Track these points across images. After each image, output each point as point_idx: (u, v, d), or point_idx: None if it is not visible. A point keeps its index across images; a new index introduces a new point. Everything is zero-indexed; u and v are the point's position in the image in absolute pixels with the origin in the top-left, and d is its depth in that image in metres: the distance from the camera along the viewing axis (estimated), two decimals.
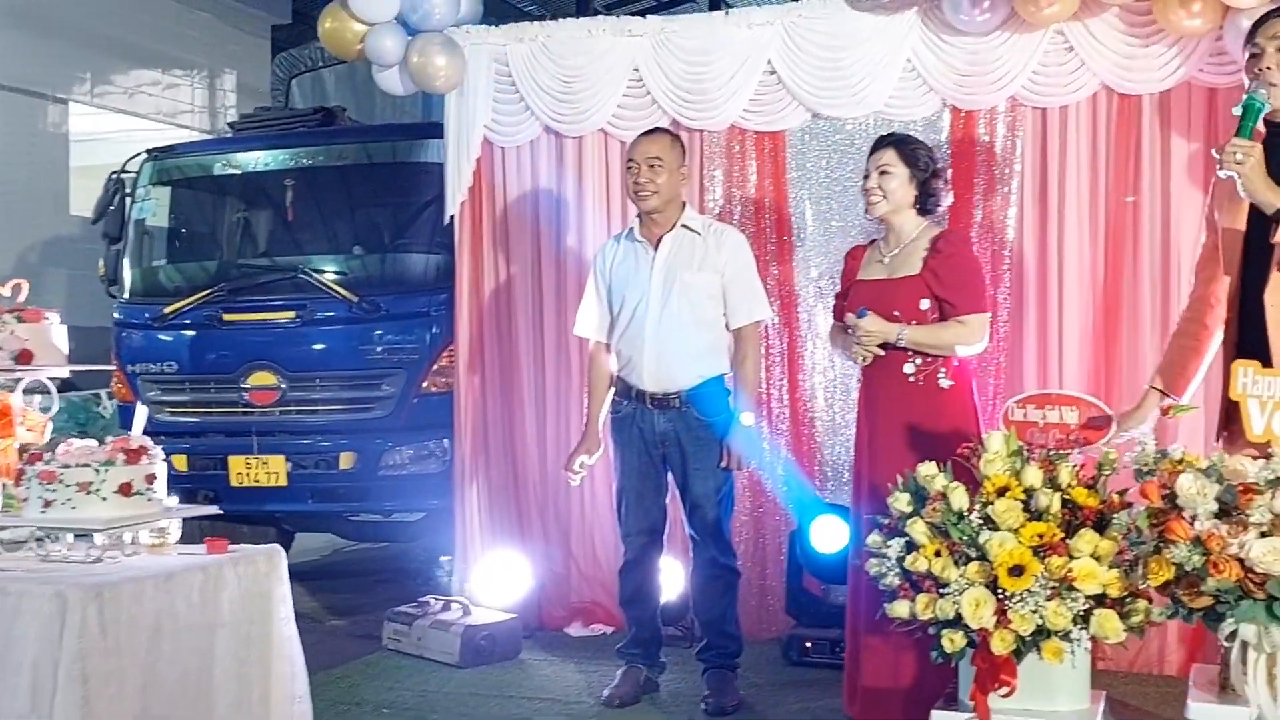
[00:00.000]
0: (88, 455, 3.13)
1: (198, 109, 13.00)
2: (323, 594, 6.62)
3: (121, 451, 3.15)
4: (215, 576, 3.14)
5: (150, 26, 12.46)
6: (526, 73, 4.96)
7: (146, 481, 3.16)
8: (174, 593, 3.00)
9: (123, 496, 3.09)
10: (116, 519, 3.09)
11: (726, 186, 4.86)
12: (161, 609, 2.96)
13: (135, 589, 2.91)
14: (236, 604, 3.19)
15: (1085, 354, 4.40)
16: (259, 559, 3.28)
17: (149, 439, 3.30)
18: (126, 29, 12.18)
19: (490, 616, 4.66)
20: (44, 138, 11.51)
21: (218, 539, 3.32)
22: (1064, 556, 2.72)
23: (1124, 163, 4.39)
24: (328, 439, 5.99)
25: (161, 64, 12.91)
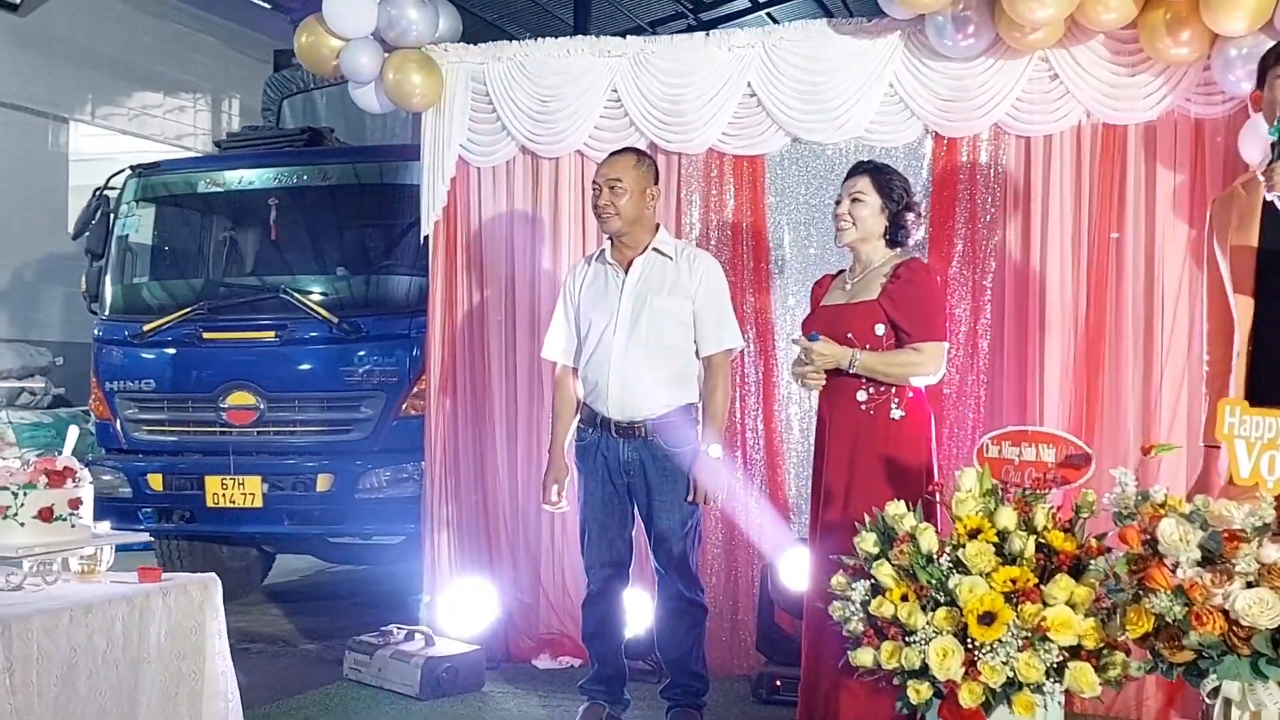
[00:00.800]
0: (7, 478, 2.89)
1: (200, 131, 12.88)
2: (299, 617, 6.45)
3: (44, 474, 2.92)
4: (142, 608, 2.89)
5: (154, 49, 12.37)
6: (504, 92, 4.77)
7: (70, 506, 2.93)
8: (93, 626, 2.75)
9: (43, 522, 2.88)
10: (33, 546, 2.86)
11: (704, 211, 4.66)
12: (78, 644, 2.70)
13: (48, 622, 2.65)
14: (165, 638, 2.95)
15: (1066, 389, 4.19)
16: (192, 588, 3.05)
17: (76, 461, 3.06)
18: (130, 51, 12.09)
19: (453, 648, 4.42)
20: (44, 157, 11.39)
21: (151, 568, 3.08)
22: (1038, 604, 2.50)
23: (1108, 194, 4.19)
24: (305, 460, 5.85)
25: (165, 86, 12.82)
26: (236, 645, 5.75)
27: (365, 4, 4.73)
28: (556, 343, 3.95)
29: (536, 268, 4.82)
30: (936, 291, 3.60)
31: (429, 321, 5.06)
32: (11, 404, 9.82)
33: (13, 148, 10.93)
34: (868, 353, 3.36)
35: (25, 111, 11.08)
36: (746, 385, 4.58)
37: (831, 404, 3.46)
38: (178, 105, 13.09)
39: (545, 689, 4.52)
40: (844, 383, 3.39)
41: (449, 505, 4.96)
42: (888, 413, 3.36)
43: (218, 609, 3.07)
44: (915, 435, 3.41)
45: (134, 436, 6.15)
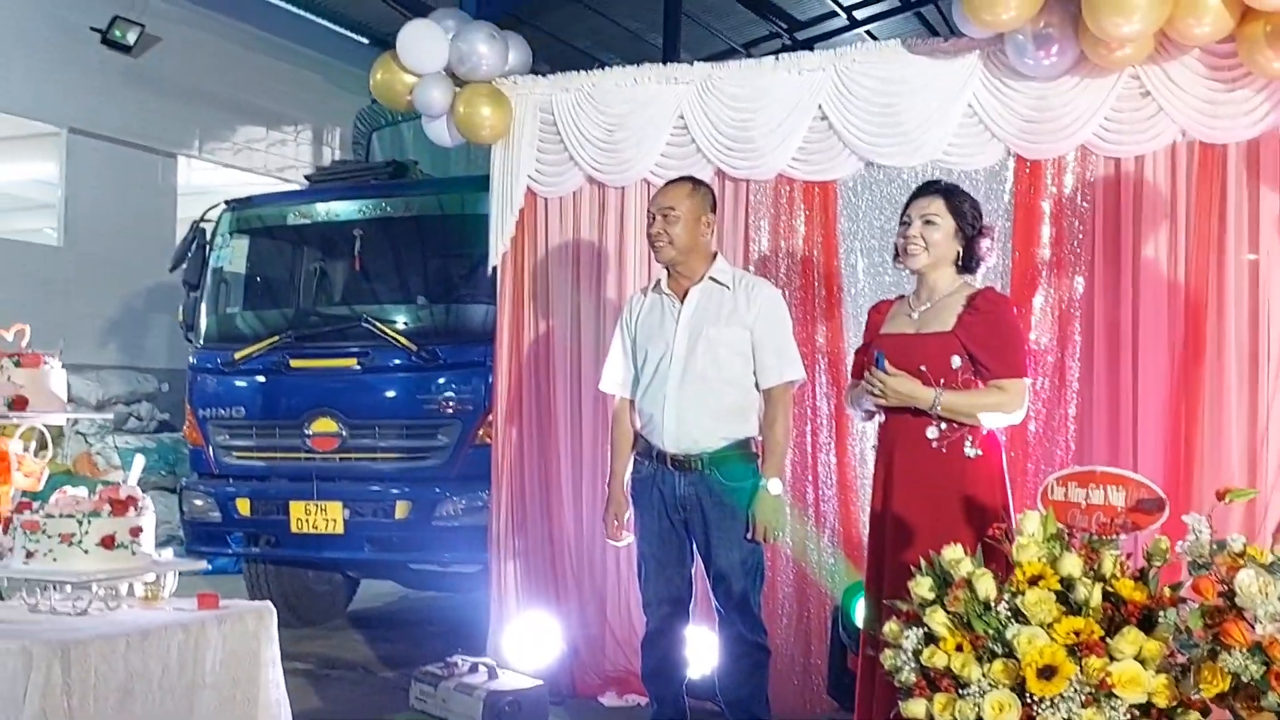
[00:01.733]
0: (73, 505, 2.99)
1: (301, 164, 13.26)
2: (380, 643, 6.52)
3: (108, 502, 3.01)
4: (198, 635, 2.98)
5: (259, 85, 12.79)
6: (571, 122, 4.76)
7: (131, 534, 3.02)
8: (149, 652, 2.83)
9: (105, 549, 2.97)
10: (95, 572, 2.94)
11: (773, 238, 4.56)
12: (134, 669, 2.79)
13: (105, 647, 2.74)
14: (220, 665, 3.02)
15: (1161, 430, 3.94)
16: (247, 617, 3.10)
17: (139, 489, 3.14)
18: (235, 87, 12.51)
19: (517, 681, 4.37)
20: (154, 191, 11.85)
21: (209, 594, 3.14)
22: (1103, 658, 2.33)
23: (1206, 217, 3.95)
24: (384, 487, 5.94)
25: (267, 120, 13.24)
26: (318, 670, 5.97)
27: (437, 40, 4.79)
28: (614, 375, 3.89)
29: (602, 297, 4.79)
30: (1017, 324, 3.44)
31: (496, 351, 5.06)
32: (119, 428, 10.22)
33: (125, 182, 11.40)
34: (951, 392, 3.18)
35: (136, 148, 11.55)
36: (818, 419, 4.45)
37: (896, 440, 3.30)
38: (280, 139, 13.51)
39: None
40: (912, 419, 3.23)
41: (515, 537, 4.93)
42: (961, 451, 3.20)
43: (272, 637, 3.12)
44: (991, 475, 3.24)
45: (224, 462, 6.34)
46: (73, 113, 10.83)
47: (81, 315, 10.74)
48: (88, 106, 10.94)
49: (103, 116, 11.07)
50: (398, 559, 6.17)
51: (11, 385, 3.18)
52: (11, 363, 3.23)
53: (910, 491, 3.22)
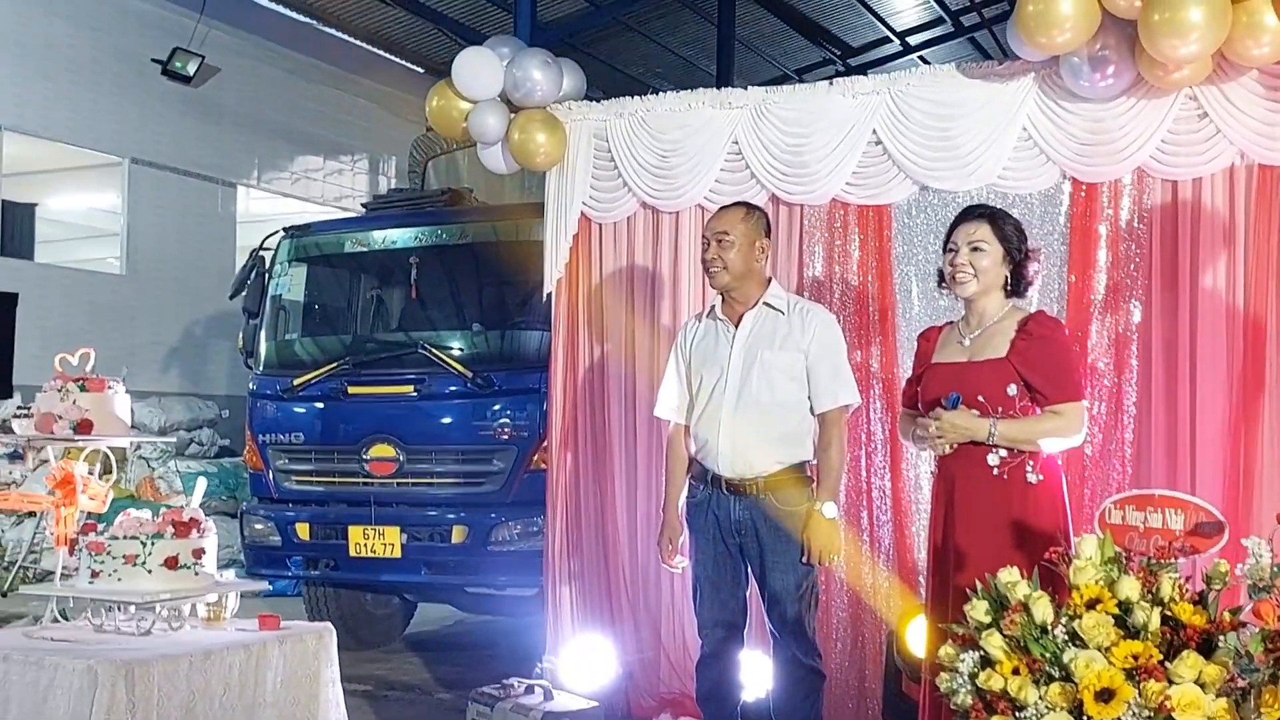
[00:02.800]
0: (137, 527, 3.09)
1: (358, 192, 13.54)
2: (437, 665, 6.62)
3: (171, 524, 3.11)
4: (259, 655, 3.06)
5: (316, 114, 13.09)
6: (625, 148, 4.84)
7: (194, 556, 3.12)
8: (210, 672, 2.94)
9: (168, 570, 3.07)
10: (159, 592, 3.03)
11: (828, 263, 4.59)
12: (196, 688, 2.89)
13: (168, 667, 2.84)
14: (281, 685, 3.10)
15: (1219, 455, 3.91)
16: (308, 638, 3.18)
17: (202, 512, 3.24)
18: (294, 117, 12.82)
19: (572, 703, 4.42)
20: (214, 219, 12.15)
21: (270, 616, 3.23)
22: (1162, 682, 2.33)
23: (1265, 240, 3.94)
24: (441, 512, 6.03)
25: (325, 150, 13.54)
26: (376, 692, 6.08)
27: (492, 67, 4.89)
28: (668, 400, 3.94)
29: (656, 323, 4.85)
30: (1070, 346, 3.45)
31: (551, 377, 5.13)
32: (181, 454, 10.46)
33: (185, 211, 11.72)
34: (1006, 421, 3.20)
35: (197, 178, 11.88)
36: (873, 443, 4.47)
37: (957, 467, 3.31)
38: (337, 168, 13.80)
39: None
40: (973, 447, 3.24)
41: (571, 560, 4.98)
42: (1023, 477, 3.21)
43: (332, 658, 3.19)
44: (1052, 500, 3.25)
45: (284, 486, 6.45)
46: (134, 143, 11.18)
47: (144, 342, 11.04)
48: (149, 137, 11.29)
49: (163, 146, 11.41)
50: (454, 583, 6.23)
51: (77, 409, 3.29)
52: (77, 387, 3.34)
53: (973, 519, 3.23)
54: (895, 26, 13.80)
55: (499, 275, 6.47)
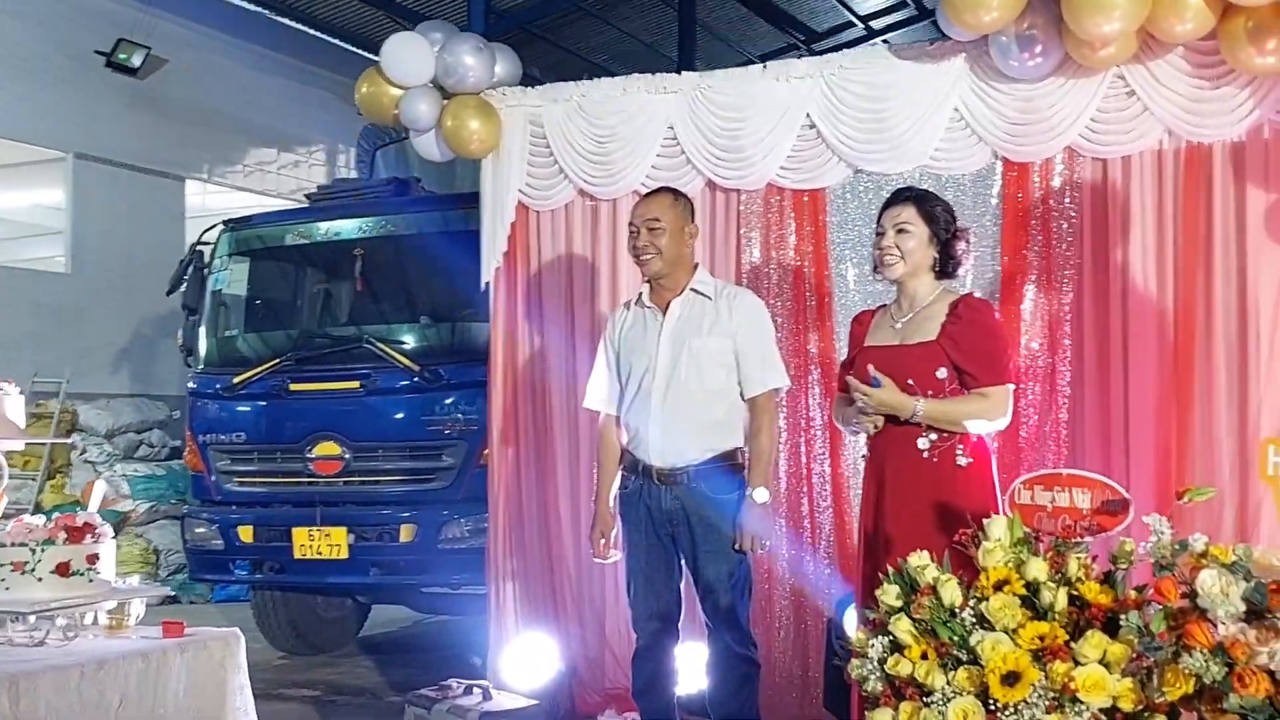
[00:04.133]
0: (26, 534, 3.01)
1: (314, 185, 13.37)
2: (390, 669, 6.57)
3: (63, 530, 3.03)
4: (159, 664, 2.91)
5: (270, 106, 12.93)
6: (561, 134, 4.84)
7: (88, 562, 3.01)
8: (105, 682, 2.77)
9: (60, 577, 2.96)
10: (49, 601, 2.93)
11: (764, 248, 4.62)
12: (89, 701, 2.73)
13: (58, 678, 2.68)
14: (184, 695, 2.96)
15: (1151, 432, 3.98)
16: (213, 645, 3.09)
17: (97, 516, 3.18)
18: (246, 108, 12.64)
19: (511, 702, 4.43)
20: (162, 215, 11.97)
21: (174, 622, 3.13)
22: (1068, 662, 2.37)
23: (1194, 217, 4.00)
24: (389, 510, 5.97)
25: (280, 142, 13.37)
26: (324, 697, 6.04)
27: (422, 52, 4.87)
28: (598, 391, 3.95)
29: (597, 311, 4.85)
30: (1000, 330, 3.46)
31: (490, 369, 5.12)
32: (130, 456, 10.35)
33: (133, 207, 11.55)
34: (931, 400, 3.23)
35: (144, 172, 11.71)
36: (812, 429, 4.51)
37: (887, 451, 3.34)
38: (292, 160, 13.64)
39: None
40: (902, 430, 3.28)
41: (513, 557, 4.99)
42: (953, 460, 3.24)
43: (240, 665, 3.12)
44: (982, 483, 3.28)
45: (226, 488, 6.36)
46: (78, 137, 10.99)
47: (91, 343, 10.89)
48: (94, 131, 11.10)
49: (109, 141, 11.23)
50: (404, 583, 6.16)
51: None
52: None
53: (902, 503, 3.26)
54: (859, 11, 13.81)
55: (446, 266, 6.33)
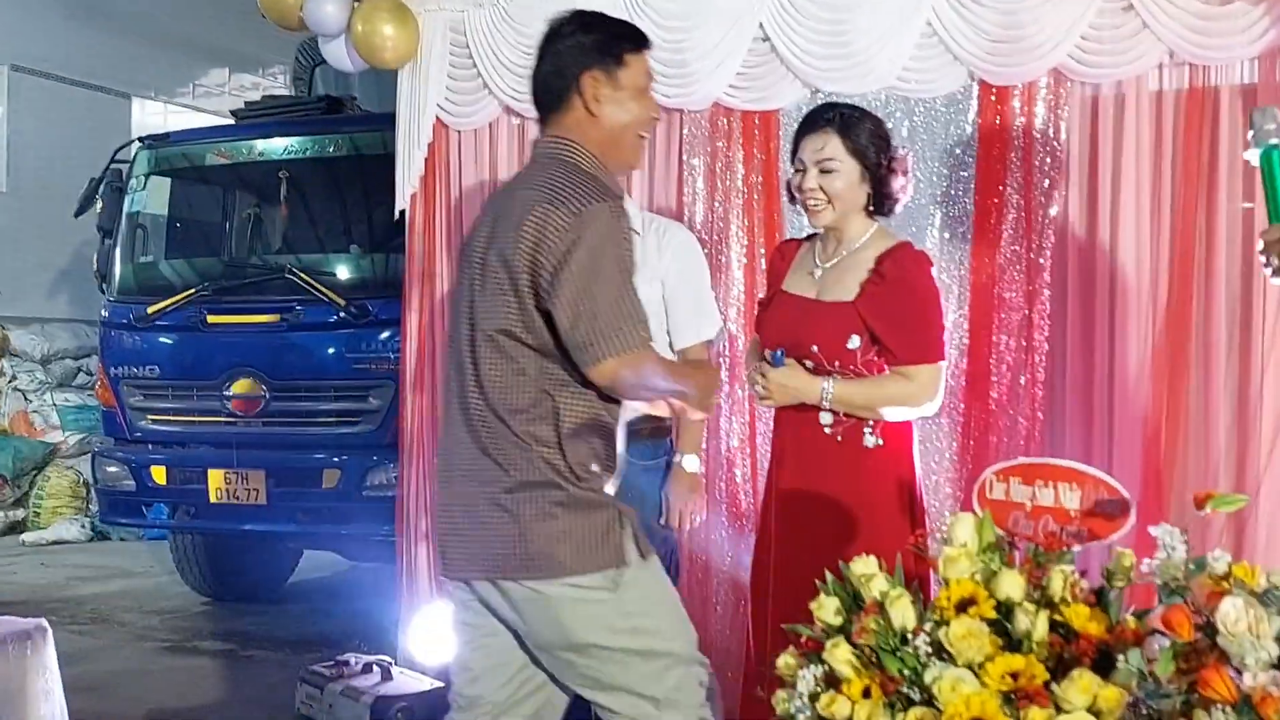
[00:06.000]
0: None
1: None
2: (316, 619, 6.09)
3: None
4: None
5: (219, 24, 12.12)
6: (485, 44, 4.17)
7: None
8: None
9: None
10: None
11: (709, 176, 3.96)
12: None
13: None
14: None
15: (1142, 395, 3.39)
16: (9, 646, 2.51)
17: None
18: (197, 25, 11.88)
19: (413, 684, 3.87)
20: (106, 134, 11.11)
21: None
22: (1047, 708, 1.79)
23: (1195, 151, 3.36)
24: (310, 454, 5.50)
25: (232, 62, 12.60)
26: (240, 651, 5.46)
27: None
28: None
29: None
30: (930, 295, 2.76)
31: (404, 308, 4.52)
32: (68, 384, 9.70)
33: (74, 124, 10.80)
34: (842, 382, 2.64)
35: (86, 88, 10.97)
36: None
37: (787, 426, 2.77)
38: (246, 81, 12.86)
39: None
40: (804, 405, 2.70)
41: (427, 517, 4.40)
42: (859, 440, 2.66)
43: (46, 665, 2.54)
44: (897, 469, 2.71)
45: (139, 426, 5.90)
46: (15, 49, 10.24)
47: (28, 265, 10.20)
48: (31, 42, 10.35)
49: (48, 53, 10.47)
50: (326, 531, 5.72)
51: None
52: None
53: (798, 488, 2.70)
54: None
55: (380, 193, 5.81)
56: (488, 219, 2.29)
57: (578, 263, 2.10)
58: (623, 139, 2.28)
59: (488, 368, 2.22)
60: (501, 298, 2.19)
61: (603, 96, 2.24)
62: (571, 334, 2.12)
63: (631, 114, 2.28)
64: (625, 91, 2.26)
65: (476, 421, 2.25)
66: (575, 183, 2.17)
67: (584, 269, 2.10)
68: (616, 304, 2.13)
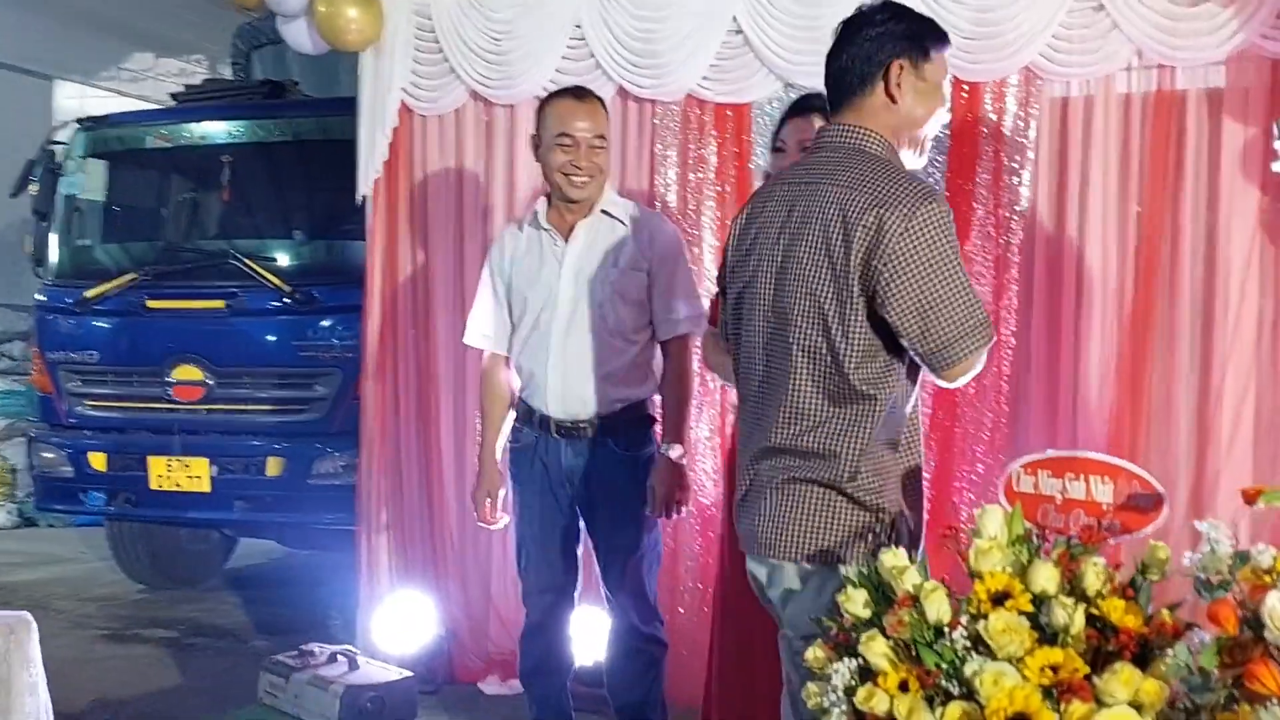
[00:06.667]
0: None
1: None
2: (257, 606, 5.85)
3: None
4: None
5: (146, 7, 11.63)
6: (452, 28, 3.99)
7: None
8: None
9: None
10: None
11: (681, 167, 3.85)
12: None
13: None
14: None
15: (1107, 389, 3.37)
16: None
17: None
18: (119, 9, 11.36)
19: (381, 673, 3.68)
20: (28, 116, 10.69)
21: None
22: (1089, 702, 1.72)
23: (1162, 152, 3.35)
24: (255, 441, 5.25)
25: (159, 46, 12.11)
26: (183, 639, 5.20)
27: None
28: (482, 326, 3.17)
29: (490, 232, 4.04)
30: None
31: (366, 294, 4.31)
32: None
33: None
34: None
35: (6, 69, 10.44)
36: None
37: None
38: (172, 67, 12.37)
39: (488, 718, 3.81)
40: None
41: (388, 507, 4.22)
42: None
43: (30, 658, 2.35)
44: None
45: (77, 411, 5.60)
46: None
47: None
48: None
49: None
50: (271, 520, 5.49)
51: None
52: None
53: None
54: None
55: (326, 179, 5.59)
56: (778, 209, 2.18)
57: (921, 267, 2.02)
58: (914, 130, 2.21)
59: (797, 360, 2.12)
60: (814, 298, 2.09)
61: (905, 85, 2.17)
62: (924, 339, 2.04)
63: (927, 107, 2.22)
64: (927, 84, 2.21)
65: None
66: (897, 181, 2.08)
67: (928, 273, 2.02)
68: (966, 304, 2.05)
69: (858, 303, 2.05)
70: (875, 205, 2.04)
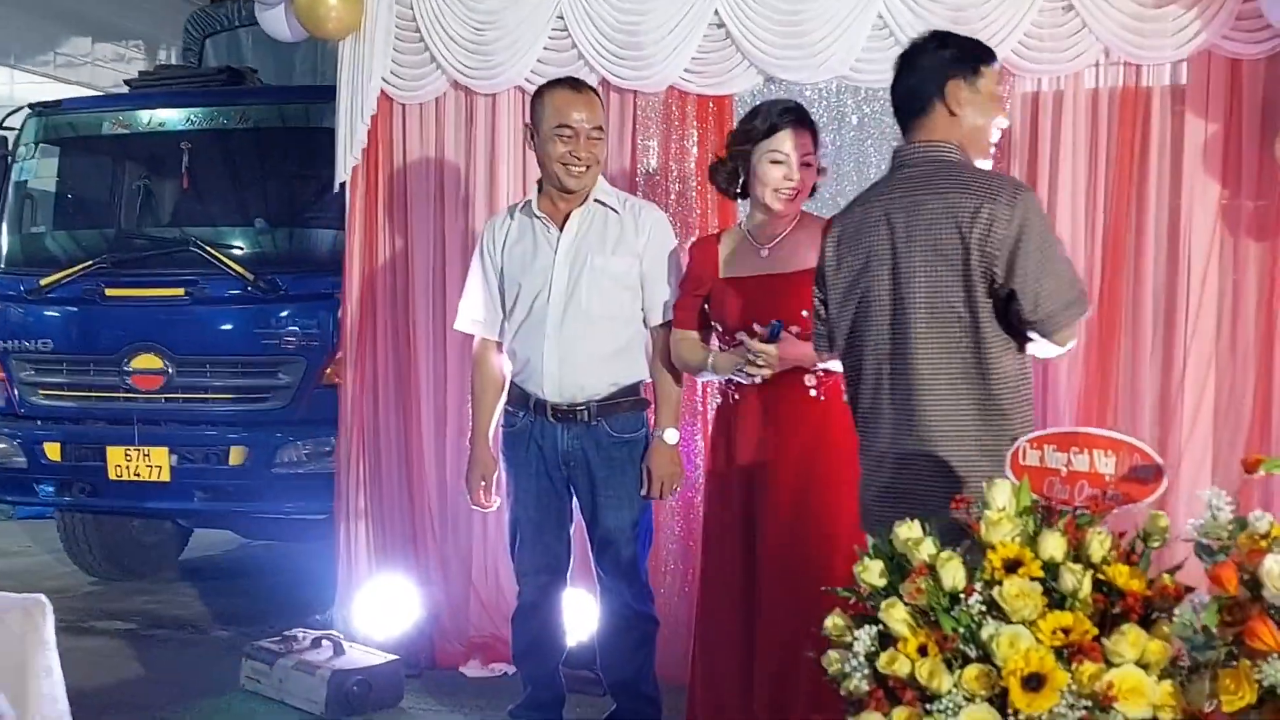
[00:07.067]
0: None
1: None
2: (215, 597, 5.77)
3: None
4: None
5: None
6: (433, 17, 4.00)
7: None
8: None
9: None
10: None
11: (663, 158, 3.92)
12: None
13: None
14: None
15: (1075, 377, 3.51)
16: (10, 618, 2.31)
17: None
18: None
19: (366, 658, 3.70)
20: None
21: None
22: (1099, 662, 1.81)
23: (1128, 147, 3.50)
24: (217, 430, 5.21)
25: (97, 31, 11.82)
26: (142, 630, 5.14)
27: None
28: (473, 312, 3.22)
29: (470, 220, 4.07)
30: None
31: (345, 280, 4.31)
32: None
33: None
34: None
35: None
36: None
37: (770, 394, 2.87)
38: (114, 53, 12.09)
39: (474, 701, 3.84)
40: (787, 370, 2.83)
41: (368, 492, 4.22)
42: (841, 395, 2.75)
43: (44, 640, 2.34)
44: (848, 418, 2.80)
45: (30, 401, 5.48)
46: None
47: None
48: None
49: None
50: (233, 509, 5.45)
51: None
52: None
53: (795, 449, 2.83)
54: None
55: (287, 166, 5.62)
56: (880, 226, 2.39)
57: (1031, 244, 2.25)
58: (979, 137, 2.45)
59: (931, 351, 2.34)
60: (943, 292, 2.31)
61: (963, 100, 2.40)
62: (1036, 309, 2.26)
63: (986, 115, 2.45)
64: (982, 96, 2.43)
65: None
66: (990, 178, 2.37)
67: (1037, 249, 2.26)
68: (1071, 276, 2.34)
69: (986, 299, 2.28)
70: (981, 201, 2.27)
